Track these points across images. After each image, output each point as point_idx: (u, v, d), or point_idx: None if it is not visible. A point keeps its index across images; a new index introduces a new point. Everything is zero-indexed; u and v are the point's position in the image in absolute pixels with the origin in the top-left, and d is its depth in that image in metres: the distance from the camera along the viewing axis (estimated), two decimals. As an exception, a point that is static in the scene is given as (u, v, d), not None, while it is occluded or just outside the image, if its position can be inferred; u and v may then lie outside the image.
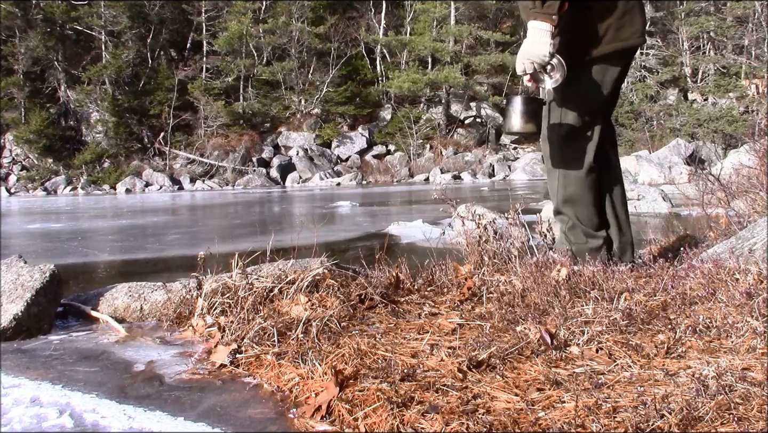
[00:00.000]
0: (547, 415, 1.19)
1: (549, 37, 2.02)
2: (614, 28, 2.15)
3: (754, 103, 26.78)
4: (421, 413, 1.22)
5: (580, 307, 1.76)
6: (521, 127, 2.18)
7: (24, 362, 1.77)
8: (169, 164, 25.80)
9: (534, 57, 2.04)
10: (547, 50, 2.02)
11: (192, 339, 1.95)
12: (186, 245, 6.60)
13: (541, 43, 2.02)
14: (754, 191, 3.39)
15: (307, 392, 1.43)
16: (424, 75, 27.95)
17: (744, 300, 1.64)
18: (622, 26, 2.16)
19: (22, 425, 1.34)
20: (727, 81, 28.40)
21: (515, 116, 2.16)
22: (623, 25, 2.17)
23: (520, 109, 2.15)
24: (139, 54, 27.19)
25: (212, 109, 26.31)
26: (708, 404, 1.13)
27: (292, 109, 28.11)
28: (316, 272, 2.08)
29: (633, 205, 8.29)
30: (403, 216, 8.56)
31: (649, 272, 2.13)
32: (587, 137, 2.26)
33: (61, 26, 26.25)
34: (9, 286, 2.09)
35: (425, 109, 29.25)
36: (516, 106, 2.15)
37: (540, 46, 2.02)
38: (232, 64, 27.51)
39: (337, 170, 26.28)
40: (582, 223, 2.31)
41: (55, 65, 26.24)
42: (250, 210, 12.39)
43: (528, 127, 2.18)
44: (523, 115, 2.15)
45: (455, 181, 24.03)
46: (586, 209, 2.31)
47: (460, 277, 2.21)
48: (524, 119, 2.15)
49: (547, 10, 2.00)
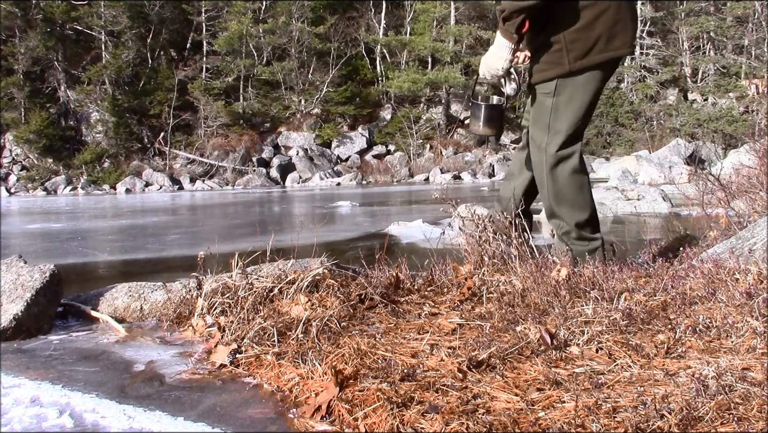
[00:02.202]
0: (547, 415, 1.19)
1: (507, 53, 2.23)
2: (605, 38, 2.17)
3: (754, 103, 26.79)
4: (421, 413, 1.22)
5: (580, 307, 1.76)
6: (483, 130, 2.47)
7: (24, 362, 1.77)
8: (169, 164, 25.80)
9: (492, 69, 2.30)
10: (501, 65, 2.26)
11: (192, 339, 1.95)
12: (186, 245, 6.59)
13: (499, 58, 2.25)
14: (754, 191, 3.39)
15: (307, 392, 1.43)
16: (424, 75, 27.95)
17: (744, 300, 1.64)
18: (613, 36, 2.18)
19: (22, 425, 1.34)
20: (727, 81, 28.41)
21: (478, 121, 2.44)
22: (615, 35, 2.18)
23: (483, 115, 2.43)
24: (139, 54, 27.18)
25: (212, 109, 26.31)
26: (708, 404, 1.13)
27: (292, 109, 28.11)
28: (316, 272, 2.08)
29: (633, 205, 8.29)
30: (403, 216, 8.56)
31: (649, 272, 2.13)
32: (576, 141, 2.28)
33: (61, 26, 26.24)
34: (9, 286, 2.09)
35: (425, 109, 29.25)
36: (478, 112, 2.43)
37: (497, 60, 2.26)
38: (232, 64, 27.50)
39: (337, 170, 26.28)
40: (576, 226, 2.32)
41: (55, 65, 26.24)
42: (250, 210, 12.39)
43: (488, 131, 2.47)
44: (485, 120, 2.44)
45: (455, 181, 24.03)
46: (579, 211, 2.31)
47: (460, 277, 2.21)
48: (486, 124, 2.44)
49: (509, 28, 2.17)
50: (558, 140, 2.26)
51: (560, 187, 2.30)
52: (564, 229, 2.35)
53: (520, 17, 2.13)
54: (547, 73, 2.22)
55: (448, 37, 29.41)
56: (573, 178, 2.28)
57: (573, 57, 2.16)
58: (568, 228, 2.33)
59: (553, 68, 2.20)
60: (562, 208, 2.32)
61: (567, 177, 2.28)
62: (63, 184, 24.01)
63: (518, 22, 2.13)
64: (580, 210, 2.31)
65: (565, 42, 2.16)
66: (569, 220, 2.32)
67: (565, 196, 2.30)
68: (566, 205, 2.31)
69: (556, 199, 2.32)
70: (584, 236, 2.33)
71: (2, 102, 24.88)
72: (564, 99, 2.22)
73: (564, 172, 2.28)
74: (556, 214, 2.35)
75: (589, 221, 2.33)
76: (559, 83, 2.21)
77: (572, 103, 2.22)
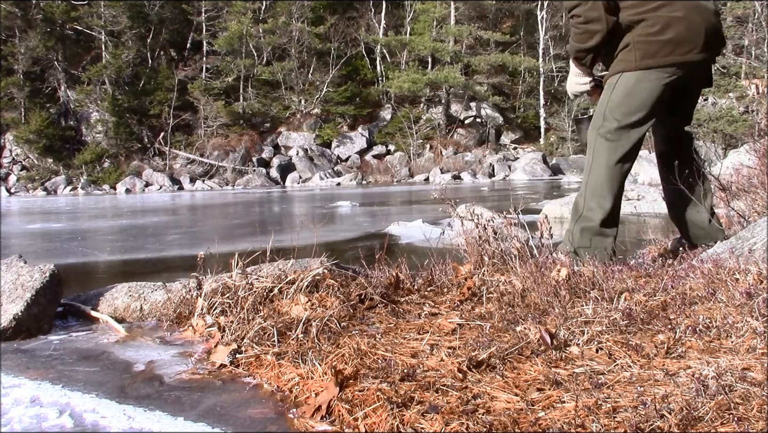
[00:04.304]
0: (547, 415, 1.19)
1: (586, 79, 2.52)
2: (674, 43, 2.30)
3: (754, 103, 26.78)
4: (421, 413, 1.22)
5: (580, 307, 1.76)
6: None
7: (24, 362, 1.77)
8: (169, 164, 25.81)
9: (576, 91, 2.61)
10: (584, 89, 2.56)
11: (192, 339, 1.95)
12: (186, 245, 6.59)
13: (580, 84, 2.55)
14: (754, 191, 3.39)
15: (307, 392, 1.43)
16: (424, 75, 27.96)
17: (744, 300, 1.64)
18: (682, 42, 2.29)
19: (22, 425, 1.34)
20: (727, 81, 28.39)
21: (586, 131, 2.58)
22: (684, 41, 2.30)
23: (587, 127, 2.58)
24: (139, 54, 27.20)
25: (212, 109, 26.32)
26: (708, 404, 1.13)
27: (292, 109, 28.12)
28: (316, 272, 2.08)
29: (633, 205, 8.29)
30: (403, 216, 8.56)
31: (649, 272, 2.13)
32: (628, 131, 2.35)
33: (61, 26, 26.26)
34: (9, 286, 2.09)
35: (425, 109, 29.26)
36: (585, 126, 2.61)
37: (579, 86, 2.56)
38: (232, 64, 27.52)
39: (337, 170, 26.28)
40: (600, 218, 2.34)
41: (55, 65, 26.25)
42: (250, 210, 12.39)
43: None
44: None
45: (455, 181, 24.03)
46: (606, 202, 2.36)
47: (460, 277, 2.21)
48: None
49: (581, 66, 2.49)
50: (610, 126, 2.36)
51: (599, 173, 2.37)
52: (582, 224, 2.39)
53: (588, 56, 2.43)
54: (615, 68, 2.38)
55: (448, 37, 29.42)
56: (615, 167, 2.36)
57: (640, 55, 2.31)
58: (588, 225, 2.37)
59: (620, 64, 2.36)
60: (592, 192, 2.38)
61: (609, 166, 2.36)
62: (63, 185, 24.02)
63: (588, 60, 2.45)
64: (607, 202, 2.37)
65: (634, 42, 2.32)
66: (597, 205, 2.37)
67: (600, 185, 2.37)
68: (596, 189, 2.37)
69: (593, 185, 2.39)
70: (601, 231, 2.37)
71: (2, 102, 24.90)
72: (622, 90, 2.35)
73: (607, 160, 2.36)
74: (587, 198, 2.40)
75: (611, 215, 2.38)
76: (622, 76, 2.35)
77: (630, 96, 2.34)
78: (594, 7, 2.30)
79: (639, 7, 2.29)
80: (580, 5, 2.33)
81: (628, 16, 2.30)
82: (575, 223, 2.43)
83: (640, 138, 2.38)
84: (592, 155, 2.42)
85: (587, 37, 2.37)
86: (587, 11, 2.32)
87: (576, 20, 2.37)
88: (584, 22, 2.34)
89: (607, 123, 2.37)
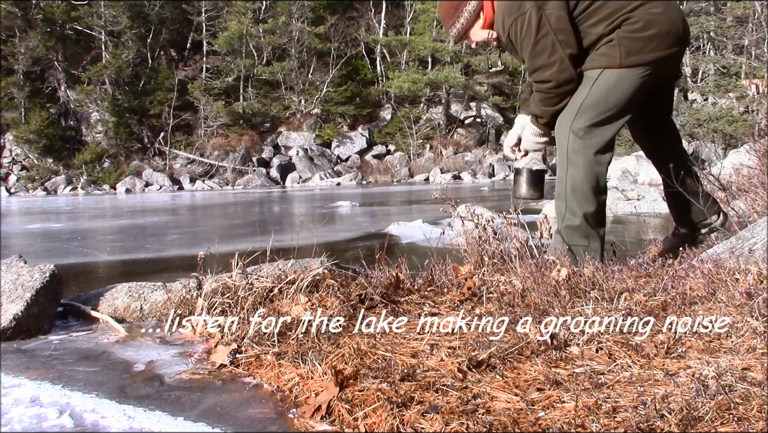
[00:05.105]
0: (547, 415, 1.19)
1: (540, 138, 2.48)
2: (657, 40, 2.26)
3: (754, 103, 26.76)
4: (421, 413, 1.22)
5: (580, 307, 1.76)
6: (528, 194, 2.59)
7: (24, 362, 1.77)
8: (169, 164, 25.80)
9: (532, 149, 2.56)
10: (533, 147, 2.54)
11: (192, 339, 1.95)
12: (186, 245, 6.59)
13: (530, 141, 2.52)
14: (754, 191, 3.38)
15: (307, 392, 1.43)
16: (424, 75, 27.95)
17: (744, 300, 1.64)
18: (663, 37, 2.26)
19: (22, 425, 1.34)
20: (727, 81, 28.39)
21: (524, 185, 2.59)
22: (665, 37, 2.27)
23: (526, 180, 2.58)
24: (139, 54, 27.20)
25: (212, 109, 26.32)
26: (708, 404, 1.13)
27: (292, 109, 28.12)
28: (316, 272, 2.08)
29: (633, 205, 8.28)
30: (403, 216, 8.56)
31: (649, 272, 2.13)
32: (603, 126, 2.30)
33: (61, 26, 26.25)
34: (9, 286, 2.09)
35: (425, 109, 29.25)
36: (523, 177, 2.58)
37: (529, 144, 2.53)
38: (232, 64, 27.51)
39: (337, 170, 26.28)
40: (584, 218, 2.31)
41: (55, 65, 26.25)
42: (250, 210, 12.39)
43: (533, 194, 2.59)
44: (530, 184, 2.58)
45: (455, 181, 24.03)
46: (589, 201, 2.31)
47: (460, 277, 2.21)
48: (530, 188, 2.58)
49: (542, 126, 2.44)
50: (582, 124, 2.28)
51: (577, 172, 2.30)
52: (567, 222, 2.35)
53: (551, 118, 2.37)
54: (596, 62, 2.29)
55: (448, 37, 29.38)
56: (594, 160, 2.30)
57: (625, 52, 2.24)
58: (575, 223, 2.33)
59: (603, 59, 2.28)
60: (574, 192, 2.32)
61: (587, 161, 2.29)
62: (63, 184, 24.01)
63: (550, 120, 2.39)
64: (589, 201, 2.31)
65: (619, 38, 2.25)
66: (577, 207, 2.32)
67: (580, 183, 2.31)
68: (576, 190, 2.31)
69: (570, 183, 2.33)
70: (589, 232, 2.33)
71: (2, 102, 24.89)
72: (603, 88, 2.27)
73: (584, 155, 2.29)
74: (568, 200, 2.35)
75: (596, 214, 2.33)
76: (604, 73, 2.27)
77: (611, 92, 2.27)
78: (564, 69, 2.24)
79: (614, 15, 2.23)
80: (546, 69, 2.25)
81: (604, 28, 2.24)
82: (560, 225, 2.39)
83: (615, 133, 2.32)
84: (566, 153, 2.34)
85: (558, 100, 2.31)
86: (558, 74, 2.25)
87: (545, 86, 2.30)
88: (556, 86, 2.28)
89: (580, 120, 2.28)
